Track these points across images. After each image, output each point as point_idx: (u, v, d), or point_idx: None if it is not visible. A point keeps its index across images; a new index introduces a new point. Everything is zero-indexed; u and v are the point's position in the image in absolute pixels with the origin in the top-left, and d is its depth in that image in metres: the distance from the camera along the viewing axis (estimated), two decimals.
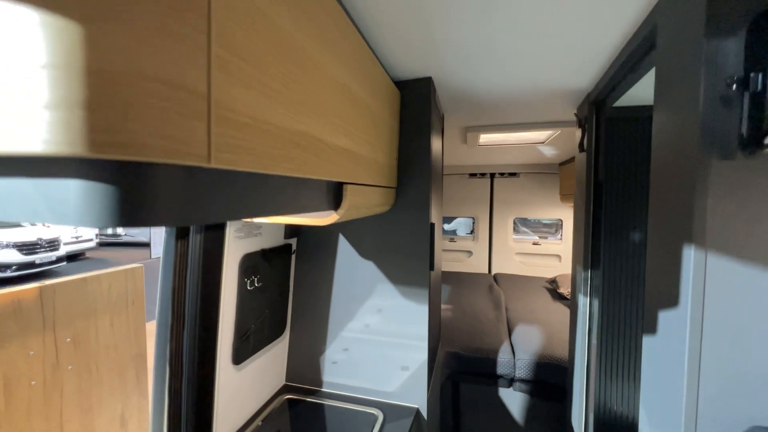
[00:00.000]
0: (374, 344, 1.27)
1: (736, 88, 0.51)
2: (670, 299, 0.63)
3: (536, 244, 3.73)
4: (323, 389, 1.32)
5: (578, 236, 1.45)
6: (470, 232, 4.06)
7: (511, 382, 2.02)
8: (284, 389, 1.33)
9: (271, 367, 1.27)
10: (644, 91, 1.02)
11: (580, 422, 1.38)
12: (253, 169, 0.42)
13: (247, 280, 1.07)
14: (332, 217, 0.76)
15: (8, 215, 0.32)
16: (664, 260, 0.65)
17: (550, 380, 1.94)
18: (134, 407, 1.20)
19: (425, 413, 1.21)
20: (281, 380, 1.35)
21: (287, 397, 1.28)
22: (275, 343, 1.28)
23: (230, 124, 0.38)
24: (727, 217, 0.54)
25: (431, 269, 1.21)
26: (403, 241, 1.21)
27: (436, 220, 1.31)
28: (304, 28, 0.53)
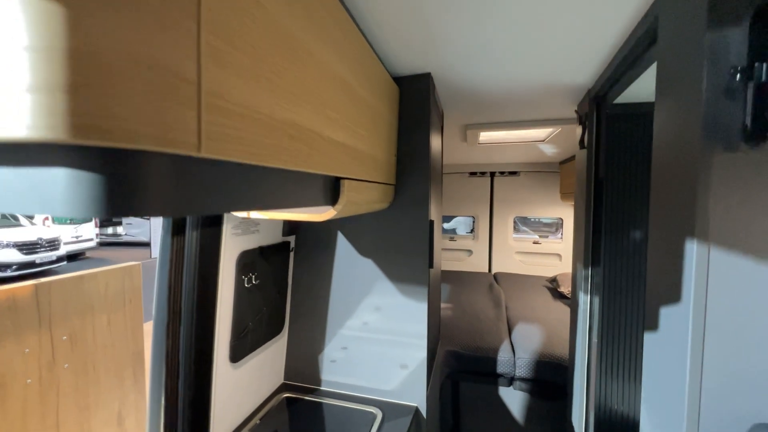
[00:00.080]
0: (373, 342, 1.26)
1: (739, 78, 0.50)
2: (671, 296, 0.62)
3: (536, 243, 3.72)
4: (322, 388, 1.31)
5: (578, 233, 1.45)
6: (470, 231, 4.05)
7: (511, 380, 2.01)
8: (282, 387, 1.32)
9: (269, 365, 1.26)
10: (645, 87, 1.01)
11: (580, 421, 1.37)
12: (245, 159, 0.41)
13: (244, 277, 1.06)
14: (329, 212, 0.75)
15: None
16: (665, 256, 0.64)
17: (550, 379, 1.93)
18: (131, 406, 1.19)
19: (424, 412, 1.20)
20: (279, 378, 1.34)
21: (285, 395, 1.27)
22: (273, 341, 1.27)
23: (221, 112, 0.37)
24: (730, 210, 0.53)
25: (430, 267, 1.20)
26: (402, 238, 1.21)
27: (435, 217, 1.30)
28: (299, 18, 0.53)
